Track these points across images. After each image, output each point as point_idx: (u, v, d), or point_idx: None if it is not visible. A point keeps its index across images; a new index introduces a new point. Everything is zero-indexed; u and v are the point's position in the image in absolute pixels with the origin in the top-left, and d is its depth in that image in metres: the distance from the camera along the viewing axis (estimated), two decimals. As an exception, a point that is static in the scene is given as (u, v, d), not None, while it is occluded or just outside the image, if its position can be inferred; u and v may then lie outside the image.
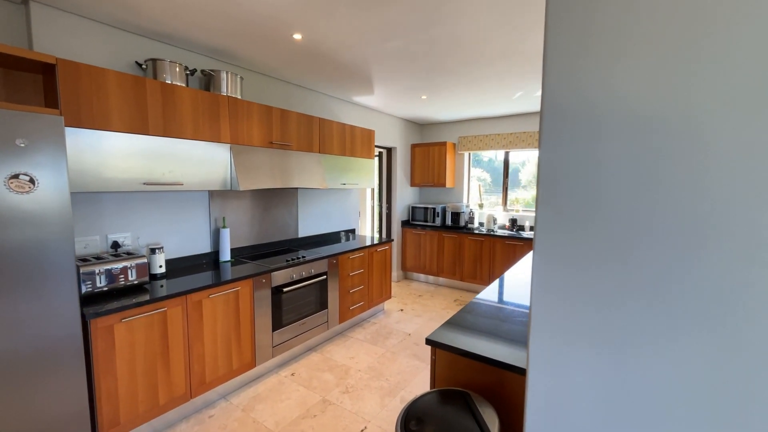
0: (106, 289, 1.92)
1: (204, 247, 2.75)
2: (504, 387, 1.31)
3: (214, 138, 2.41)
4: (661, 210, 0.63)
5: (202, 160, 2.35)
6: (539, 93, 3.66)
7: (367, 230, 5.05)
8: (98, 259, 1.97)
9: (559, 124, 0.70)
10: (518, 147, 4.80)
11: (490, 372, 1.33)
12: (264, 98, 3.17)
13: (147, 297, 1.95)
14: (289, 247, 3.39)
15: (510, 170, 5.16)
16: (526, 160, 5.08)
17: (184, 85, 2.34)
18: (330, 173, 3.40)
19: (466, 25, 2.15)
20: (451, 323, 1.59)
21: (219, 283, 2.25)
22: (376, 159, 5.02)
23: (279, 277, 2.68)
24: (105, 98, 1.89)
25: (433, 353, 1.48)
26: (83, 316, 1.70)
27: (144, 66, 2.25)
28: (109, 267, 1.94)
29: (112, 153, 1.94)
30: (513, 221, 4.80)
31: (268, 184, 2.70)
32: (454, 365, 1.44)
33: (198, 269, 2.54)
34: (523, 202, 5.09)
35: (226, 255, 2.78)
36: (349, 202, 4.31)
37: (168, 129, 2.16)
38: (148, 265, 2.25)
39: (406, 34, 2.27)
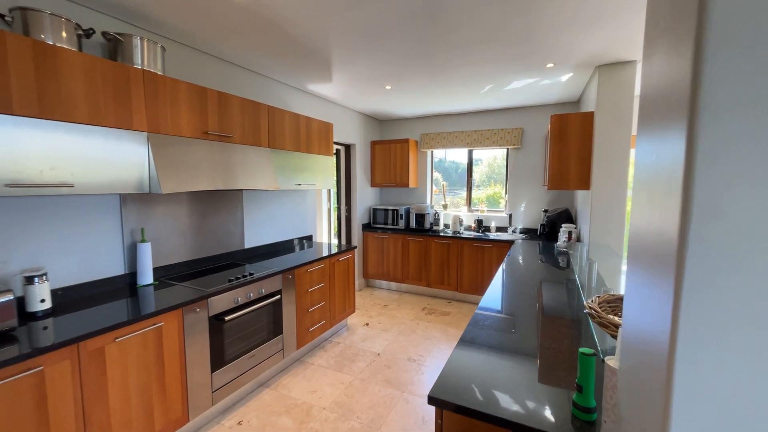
0: (-64, 346, 1.26)
1: (114, 268, 2.10)
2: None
3: (124, 124, 1.80)
4: None
5: (105, 154, 1.73)
6: (510, 87, 3.45)
7: (325, 236, 4.55)
8: (-75, 300, 1.30)
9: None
10: (482, 145, 4.61)
11: (524, 443, 0.97)
12: (195, 79, 2.56)
13: (14, 351, 1.32)
14: (234, 261, 2.80)
15: (461, 170, 4.97)
16: (479, 159, 4.91)
17: (75, 49, 1.71)
18: (282, 172, 2.87)
19: (449, -6, 1.79)
20: (463, 345, 1.21)
21: (132, 321, 1.65)
22: (334, 156, 4.54)
23: (219, 302, 2.12)
24: (-71, 55, 1.23)
25: (439, 416, 1.08)
26: None
27: (9, 18, 1.58)
28: (-58, 312, 1.28)
29: (-54, 139, 1.28)
30: (479, 222, 4.60)
31: (203, 185, 2.12)
32: (469, 429, 1.05)
33: (103, 299, 1.90)
34: (478, 200, 4.92)
35: (146, 277, 2.15)
36: (305, 205, 3.79)
37: (46, 108, 1.52)
38: (20, 300, 1.59)
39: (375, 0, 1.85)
